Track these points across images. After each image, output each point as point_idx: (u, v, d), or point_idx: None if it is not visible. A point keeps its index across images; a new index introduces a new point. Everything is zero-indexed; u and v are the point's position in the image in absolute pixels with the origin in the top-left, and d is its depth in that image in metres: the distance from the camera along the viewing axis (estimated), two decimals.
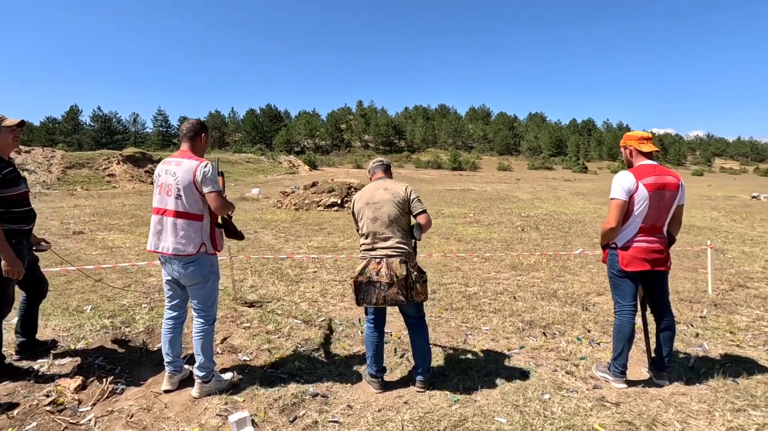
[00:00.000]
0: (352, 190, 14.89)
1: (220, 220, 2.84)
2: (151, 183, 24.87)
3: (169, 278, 2.71)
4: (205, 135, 2.75)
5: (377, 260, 2.75)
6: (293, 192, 16.02)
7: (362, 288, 2.76)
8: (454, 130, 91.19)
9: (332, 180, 16.77)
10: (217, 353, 3.28)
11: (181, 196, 2.56)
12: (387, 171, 3.07)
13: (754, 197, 20.86)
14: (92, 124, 79.36)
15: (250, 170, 38.32)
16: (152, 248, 2.65)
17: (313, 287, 5.17)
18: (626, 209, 2.81)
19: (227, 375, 2.91)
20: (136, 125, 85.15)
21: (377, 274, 2.72)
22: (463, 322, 4.08)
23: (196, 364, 2.71)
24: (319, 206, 14.27)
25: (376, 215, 2.79)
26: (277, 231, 9.45)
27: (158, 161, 28.99)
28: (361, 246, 2.86)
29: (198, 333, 2.71)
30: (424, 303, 3.00)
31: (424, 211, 2.85)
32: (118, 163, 24.98)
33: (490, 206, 15.47)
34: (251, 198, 17.66)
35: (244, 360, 3.22)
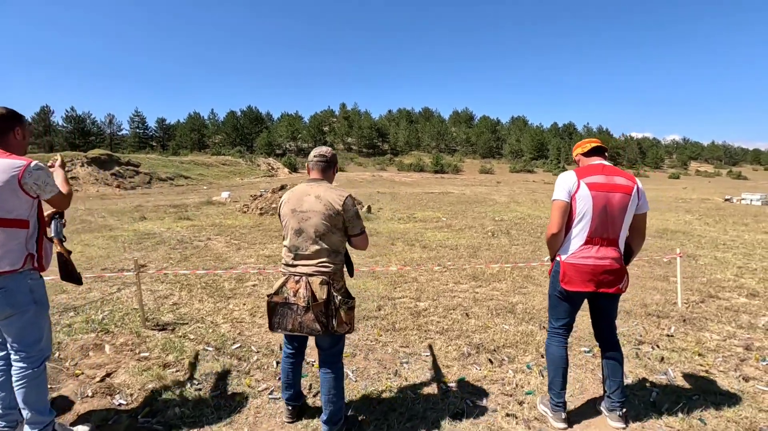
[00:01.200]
0: None
1: (55, 252, 2.28)
2: (118, 186, 23.82)
3: None
4: (20, 128, 2.15)
5: (296, 278, 2.25)
6: (261, 195, 15.34)
7: (277, 311, 2.27)
8: (437, 133, 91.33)
9: None
10: (88, 396, 2.69)
11: None
12: (327, 170, 2.41)
13: (726, 200, 21.02)
14: (65, 125, 76.75)
15: (226, 173, 37.36)
16: None
17: (244, 304, 4.59)
18: (567, 212, 2.38)
19: (80, 429, 2.32)
20: (112, 126, 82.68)
21: (294, 295, 2.23)
22: (403, 346, 3.56)
23: (25, 420, 2.12)
24: None
25: (301, 227, 2.26)
26: (232, 238, 8.81)
27: (126, 163, 27.92)
28: (282, 258, 2.35)
29: (19, 380, 2.10)
30: (347, 335, 2.49)
31: (362, 233, 2.34)
32: (82, 165, 23.88)
33: (465, 210, 15.07)
34: (218, 202, 16.90)
35: (120, 404, 2.64)
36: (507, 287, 5.36)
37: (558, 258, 2.47)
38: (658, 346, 3.58)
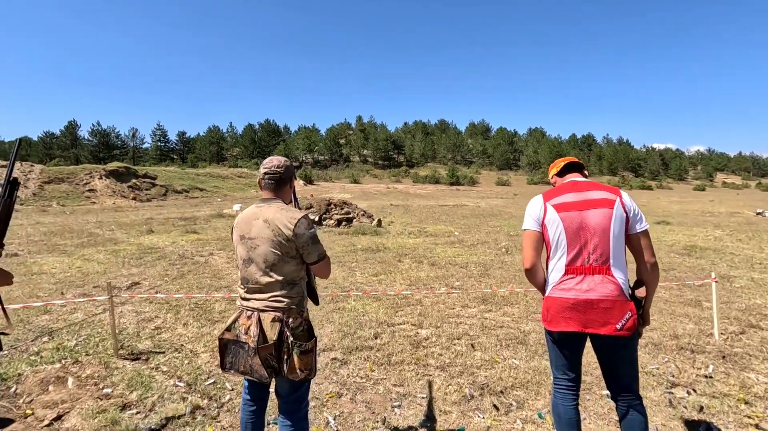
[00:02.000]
0: (332, 206, 14.04)
1: None
2: (134, 198, 24.09)
3: None
4: None
5: (248, 314, 1.93)
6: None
7: (229, 349, 1.95)
8: (453, 144, 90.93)
9: (311, 196, 15.96)
10: None
11: None
12: (280, 187, 2.03)
13: (758, 214, 19.90)
14: (90, 138, 79.33)
15: (241, 185, 37.63)
16: None
17: None
18: (541, 242, 2.04)
19: None
20: (135, 140, 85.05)
21: (246, 332, 1.91)
22: (397, 385, 3.14)
23: None
24: None
25: (250, 256, 1.95)
26: (234, 254, 8.55)
27: (143, 176, 28.34)
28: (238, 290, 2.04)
29: None
30: (312, 380, 2.12)
31: (320, 260, 1.98)
32: (101, 178, 24.28)
33: (478, 224, 14.56)
34: (228, 215, 16.80)
35: None
36: (519, 312, 4.88)
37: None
38: (694, 391, 3.07)
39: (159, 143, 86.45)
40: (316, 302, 2.10)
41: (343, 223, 13.24)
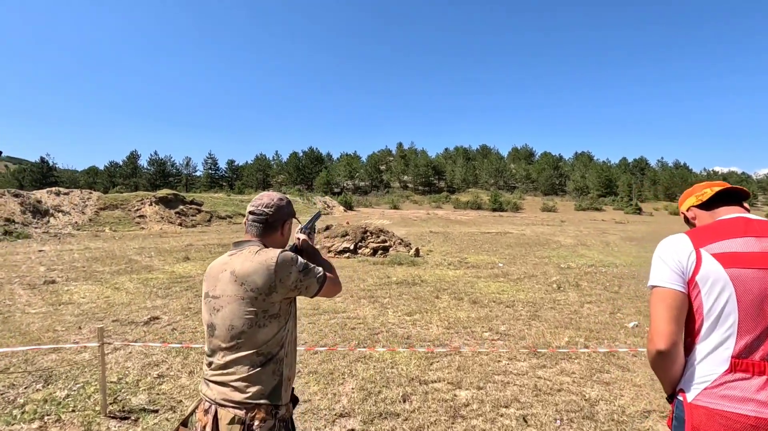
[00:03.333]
0: (368, 234, 13.56)
1: None
2: (180, 224, 24.92)
3: None
4: None
5: (206, 405, 1.42)
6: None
7: None
8: (495, 169, 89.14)
9: (347, 223, 15.59)
10: None
11: None
12: (266, 233, 1.56)
13: None
14: (149, 167, 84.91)
15: None
16: None
17: None
18: (685, 310, 1.28)
19: None
20: (188, 168, 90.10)
21: (202, 430, 1.41)
22: None
23: None
24: (330, 252, 13.00)
25: (212, 321, 1.45)
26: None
27: (190, 202, 29.43)
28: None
29: None
30: None
31: (323, 283, 1.53)
32: (150, 204, 25.36)
33: (525, 253, 13.51)
34: None
35: None
36: (581, 370, 4.02)
37: (679, 397, 1.32)
38: None
39: (210, 171, 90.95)
40: (293, 402, 1.56)
41: (379, 252, 12.68)
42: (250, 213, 1.61)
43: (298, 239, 1.79)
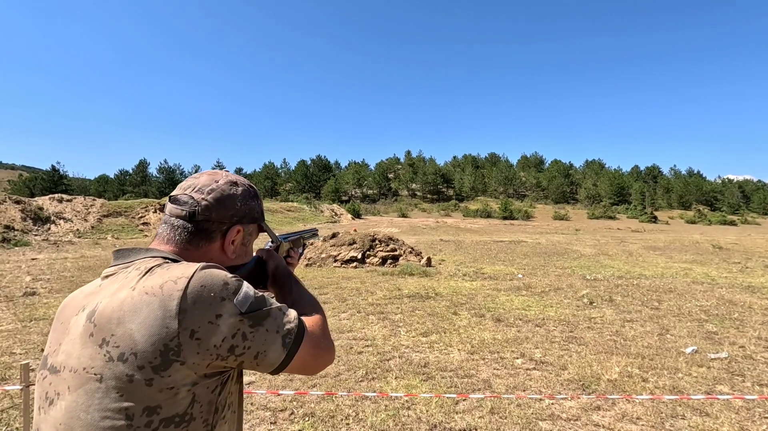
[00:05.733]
0: (377, 242, 12.78)
1: None
2: None
3: None
4: None
5: None
6: (312, 244, 14.18)
7: None
8: (504, 177, 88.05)
9: (354, 230, 14.81)
10: None
11: None
12: (195, 241, 0.82)
13: None
14: (158, 175, 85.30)
15: (290, 219, 37.67)
16: None
17: None
18: None
19: None
20: None
21: None
22: None
23: None
24: (336, 261, 12.23)
25: (39, 425, 0.67)
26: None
27: None
28: None
29: None
30: None
31: (296, 346, 0.75)
32: (155, 212, 24.87)
33: (544, 263, 12.62)
34: None
35: None
36: (647, 415, 3.18)
37: None
38: None
39: None
40: None
41: (389, 262, 11.88)
42: (170, 200, 0.86)
43: (263, 251, 1.04)
